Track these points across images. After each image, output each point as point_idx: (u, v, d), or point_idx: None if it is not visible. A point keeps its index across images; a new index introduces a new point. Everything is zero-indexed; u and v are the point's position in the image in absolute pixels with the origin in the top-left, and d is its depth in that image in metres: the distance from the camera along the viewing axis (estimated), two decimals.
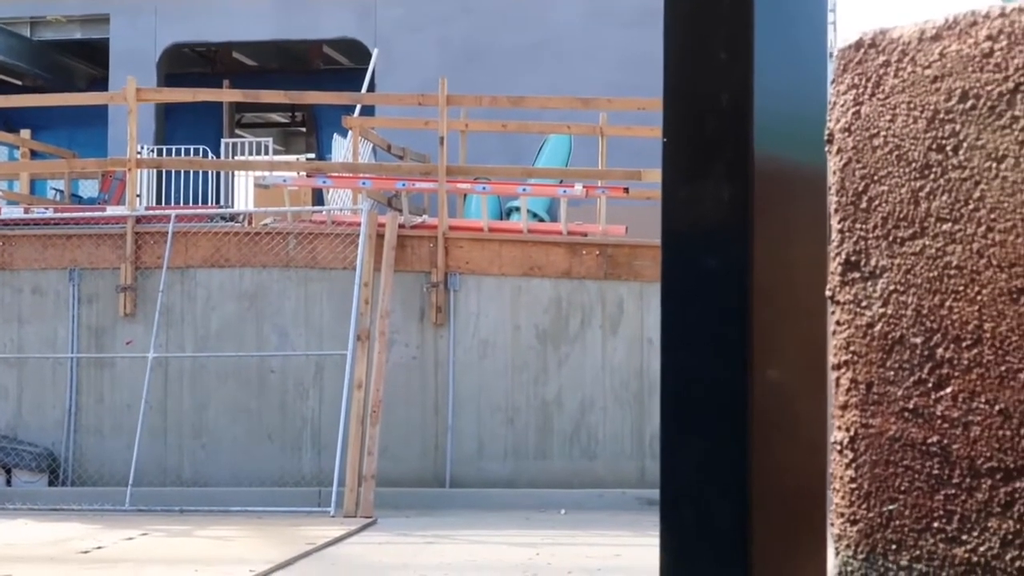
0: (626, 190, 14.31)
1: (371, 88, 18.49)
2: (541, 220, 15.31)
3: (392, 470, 12.60)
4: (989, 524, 1.01)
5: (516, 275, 13.48)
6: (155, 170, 18.16)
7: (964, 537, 1.02)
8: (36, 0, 22.37)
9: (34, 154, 18.47)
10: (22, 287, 13.77)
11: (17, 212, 15.33)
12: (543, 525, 11.15)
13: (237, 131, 23.85)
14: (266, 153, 19.58)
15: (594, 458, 13.28)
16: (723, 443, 1.41)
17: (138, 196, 14.83)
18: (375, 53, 19.22)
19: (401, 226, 13.44)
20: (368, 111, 17.89)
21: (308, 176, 15.76)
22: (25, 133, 18.37)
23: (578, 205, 14.94)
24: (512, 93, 15.92)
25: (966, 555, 1.02)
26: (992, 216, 1.01)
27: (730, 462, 1.41)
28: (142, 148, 16.80)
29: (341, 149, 17.05)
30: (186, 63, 22.89)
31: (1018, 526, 0.99)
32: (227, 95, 18.31)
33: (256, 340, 13.45)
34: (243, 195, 19.50)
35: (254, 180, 16.56)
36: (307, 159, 22.41)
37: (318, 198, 17.08)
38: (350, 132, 16.27)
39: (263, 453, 13.29)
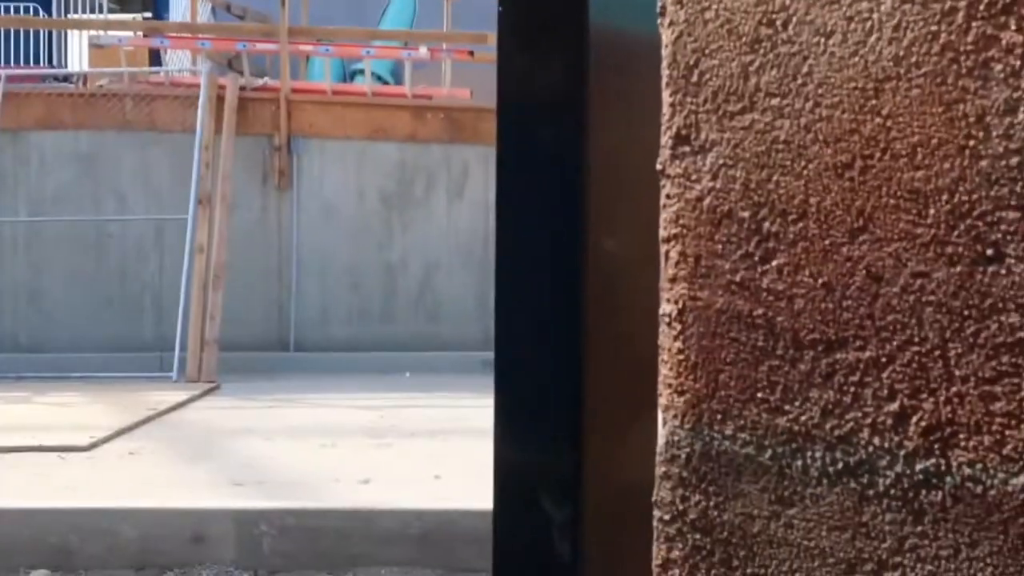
0: (471, 53, 14.19)
1: None
2: (386, 83, 15.13)
3: (235, 335, 12.50)
4: (811, 394, 1.03)
5: (360, 138, 13.34)
6: None
7: (787, 407, 1.04)
8: None
9: None
10: None
11: None
12: (388, 388, 11.23)
13: None
14: (101, 12, 18.92)
15: (439, 321, 13.36)
16: (556, 315, 1.42)
17: None
18: None
19: (242, 88, 13.17)
20: None
21: (145, 36, 15.30)
22: None
23: (423, 68, 14.79)
24: None
25: (788, 424, 1.04)
26: (820, 91, 1.01)
27: (563, 334, 1.42)
28: None
29: (179, 8, 16.55)
30: None
31: (838, 396, 1.02)
32: None
33: (93, 204, 13.13)
34: (77, 55, 18.86)
35: (89, 40, 16.01)
36: (144, 18, 21.71)
37: (156, 59, 16.60)
38: None
39: (103, 318, 13.07)
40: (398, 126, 13.38)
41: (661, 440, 1.13)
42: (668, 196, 1.11)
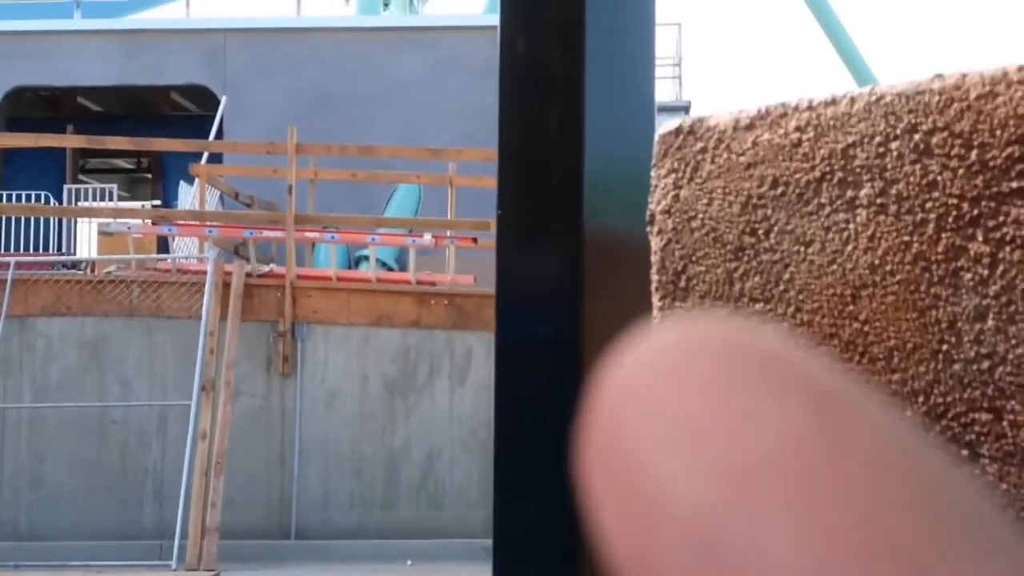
0: (475, 240, 14.40)
1: (219, 135, 18.33)
2: (390, 269, 15.31)
3: (237, 522, 12.42)
4: None
5: (365, 324, 13.44)
6: None
7: None
8: None
9: None
10: None
11: None
12: None
13: (81, 177, 23.41)
14: (111, 200, 19.26)
15: (441, 508, 13.27)
16: (556, 507, 1.45)
17: None
18: (223, 100, 19.08)
19: (248, 275, 13.33)
20: (216, 158, 17.72)
21: (153, 223, 15.53)
22: None
23: (427, 255, 14.98)
24: (362, 142, 15.93)
25: None
26: (800, 297, 1.06)
27: (564, 526, 1.44)
28: None
29: (188, 196, 16.84)
30: (29, 107, 22.42)
31: None
32: (71, 140, 18.00)
33: (98, 390, 13.18)
34: (86, 242, 19.12)
35: (98, 227, 16.26)
36: (153, 206, 22.06)
37: (163, 246, 16.83)
38: (197, 179, 16.09)
39: (103, 506, 12.99)
40: (402, 312, 13.50)
41: None
42: None
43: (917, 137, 1.01)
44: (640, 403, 0.25)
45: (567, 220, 1.44)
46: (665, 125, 1.16)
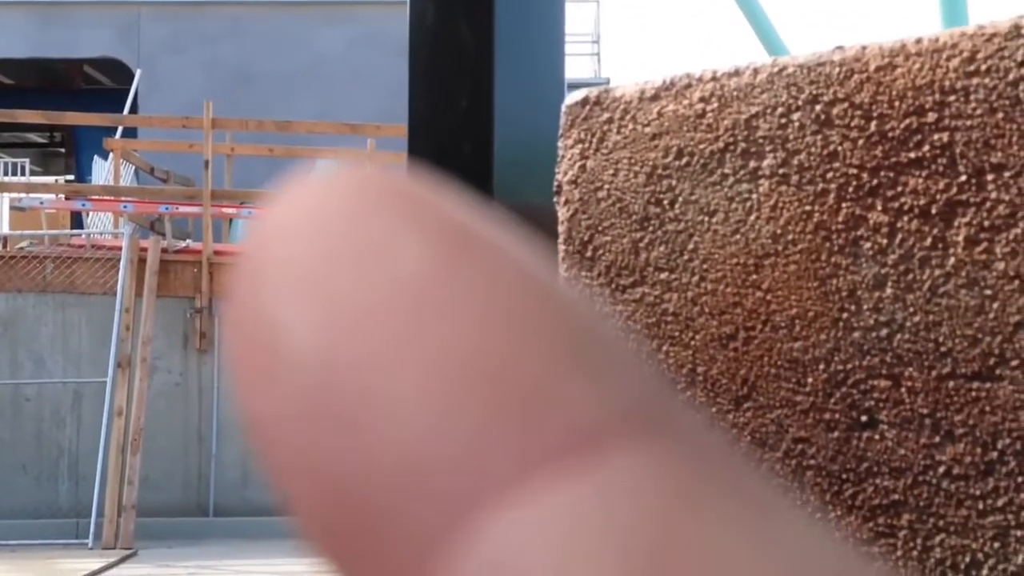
0: None
1: (134, 109, 18.09)
2: None
3: (154, 500, 12.32)
4: None
5: None
6: None
7: None
8: None
9: None
10: None
11: None
12: (309, 554, 11.05)
13: None
14: (23, 174, 18.94)
15: None
16: None
17: None
18: (138, 73, 18.83)
19: (164, 250, 13.19)
20: (131, 133, 17.49)
21: (67, 198, 15.31)
22: None
23: None
24: (281, 118, 15.80)
25: None
26: (704, 267, 1.07)
27: None
28: None
29: (102, 171, 16.62)
30: None
31: None
32: None
33: (10, 367, 12.98)
34: None
35: (10, 202, 16.00)
36: (66, 181, 21.74)
37: (77, 221, 16.60)
38: (111, 154, 15.88)
39: (17, 485, 12.82)
40: None
41: None
42: None
43: (818, 108, 1.03)
44: (275, 251, 0.24)
45: (477, 192, 1.44)
46: (571, 96, 1.17)
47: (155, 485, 12.48)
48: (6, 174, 19.33)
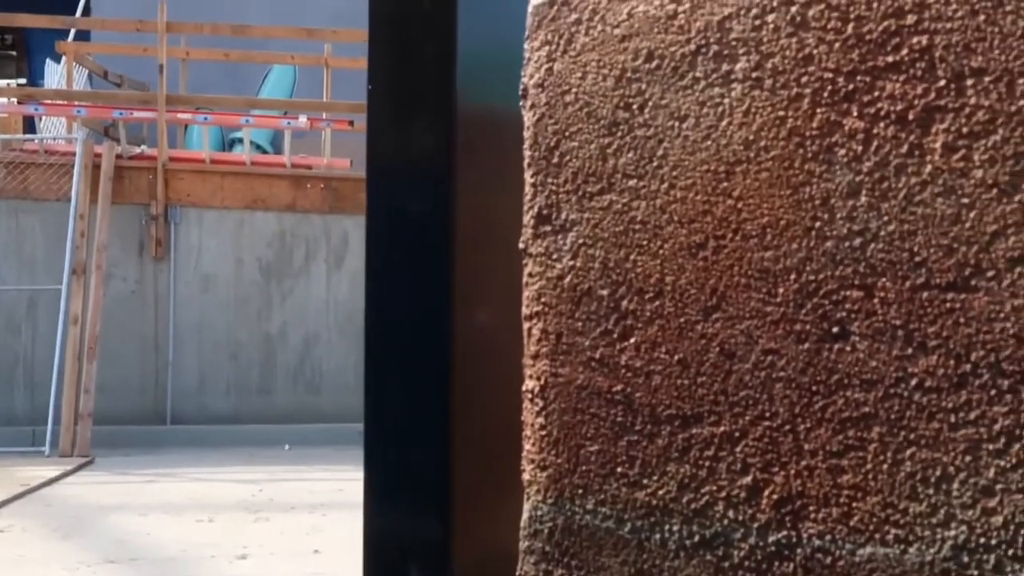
0: (351, 123, 14.20)
1: (86, 12, 17.77)
2: (265, 152, 15.07)
3: (111, 408, 12.28)
4: (668, 469, 1.05)
5: (239, 208, 13.26)
6: None
7: (645, 481, 1.07)
8: None
9: None
10: None
11: None
12: (267, 461, 11.08)
13: None
14: None
15: (318, 393, 13.25)
16: (425, 388, 1.44)
17: None
18: None
19: (119, 156, 13.03)
20: (84, 36, 17.19)
21: (19, 103, 15.05)
22: None
23: (302, 137, 14.76)
24: (236, 21, 15.56)
25: (646, 498, 1.06)
26: (674, 174, 1.04)
27: (432, 407, 1.43)
28: None
29: (54, 75, 16.34)
30: None
31: (694, 470, 1.04)
32: None
33: None
34: None
35: None
36: (18, 85, 21.39)
37: (30, 126, 16.35)
38: (64, 57, 15.61)
39: None
40: (277, 195, 13.33)
41: (525, 515, 1.14)
42: (530, 274, 1.13)
43: (794, 9, 0.99)
44: None
45: (440, 95, 1.40)
46: None
47: (112, 393, 12.43)
48: None
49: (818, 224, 0.97)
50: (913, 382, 0.95)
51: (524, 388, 1.13)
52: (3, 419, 12.51)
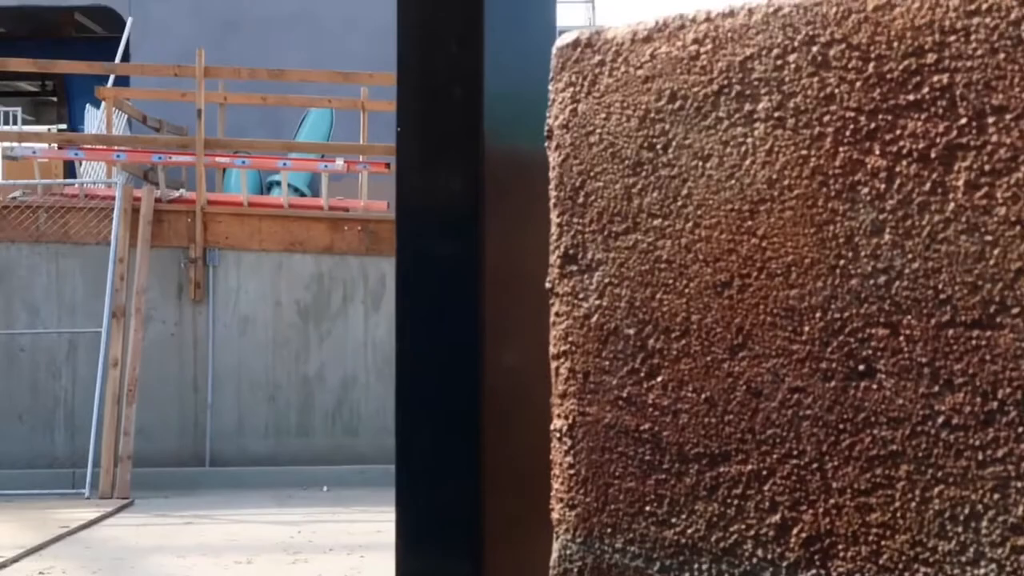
0: (388, 165, 14.28)
1: (125, 58, 17.96)
2: (302, 195, 15.17)
3: (150, 450, 12.34)
4: (696, 507, 1.05)
5: (277, 250, 13.33)
6: None
7: (673, 520, 1.07)
8: None
9: None
10: None
11: None
12: (305, 503, 11.10)
13: None
14: (15, 123, 18.83)
15: (356, 434, 13.26)
16: (455, 429, 1.44)
17: None
18: (129, 21, 18.68)
19: (158, 200, 13.14)
20: (123, 81, 17.38)
21: (60, 148, 15.23)
22: None
23: (340, 180, 14.85)
24: (273, 65, 15.69)
25: (675, 536, 1.06)
26: (699, 213, 1.05)
27: (461, 447, 1.43)
28: None
29: (94, 120, 16.52)
30: None
31: (722, 508, 1.04)
32: None
33: (5, 318, 12.97)
34: None
35: (2, 151, 15.92)
36: (59, 130, 21.63)
37: (70, 171, 16.52)
38: (103, 103, 15.78)
39: (13, 434, 12.83)
40: (315, 238, 13.40)
41: (554, 554, 1.14)
42: (557, 314, 1.14)
43: (815, 49, 1.00)
44: None
45: (467, 137, 1.42)
46: (562, 38, 1.14)
47: (151, 435, 12.49)
48: None
49: (842, 262, 0.98)
50: (940, 419, 0.95)
51: (552, 427, 1.14)
52: (44, 462, 12.59)
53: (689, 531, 1.06)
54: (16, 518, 10.21)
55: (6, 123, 19.04)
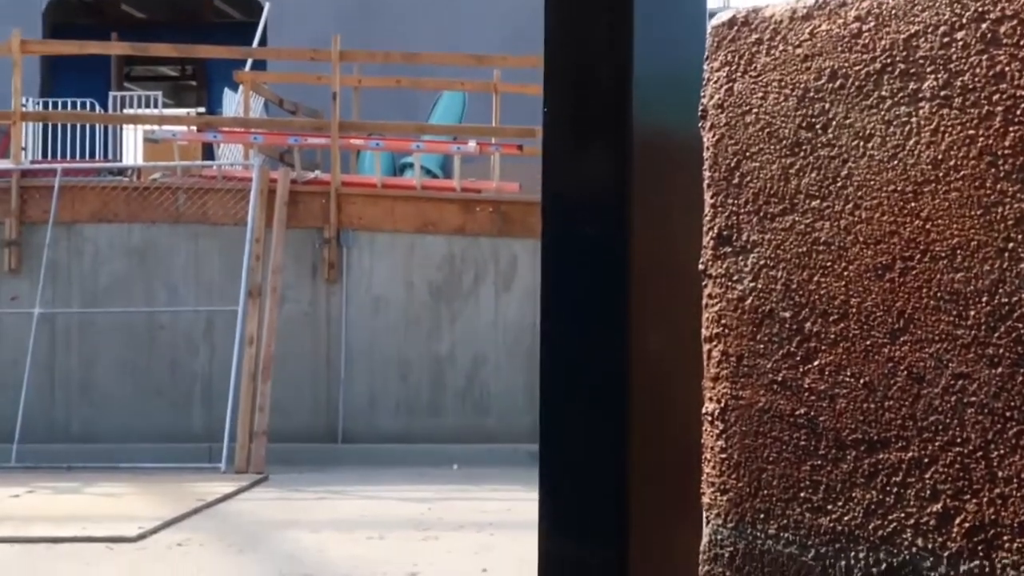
0: (520, 147, 14.31)
1: (263, 42, 18.24)
2: (435, 176, 15.27)
3: (284, 426, 12.55)
4: (853, 494, 1.03)
5: (410, 231, 13.44)
6: (41, 124, 17.74)
7: (829, 507, 1.05)
8: None
9: None
10: None
11: None
12: (436, 480, 11.20)
13: (126, 84, 23.38)
14: (156, 107, 19.25)
15: (487, 413, 13.34)
16: (602, 412, 1.43)
17: (23, 150, 14.49)
18: (266, 6, 18.96)
19: (293, 182, 13.33)
20: (260, 65, 17.65)
21: (198, 131, 15.53)
22: None
23: (472, 162, 14.92)
24: (407, 48, 15.81)
25: (831, 524, 1.05)
26: (859, 194, 1.03)
27: (608, 432, 1.42)
28: (27, 101, 16.38)
29: (232, 103, 16.80)
30: (73, 14, 22.36)
31: (881, 496, 1.02)
32: (115, 48, 17.93)
33: (145, 296, 13.28)
34: (132, 149, 19.16)
35: (143, 134, 16.28)
36: (198, 113, 22.06)
37: (208, 153, 16.84)
38: (241, 86, 16.05)
39: (153, 409, 13.15)
40: (447, 219, 13.48)
41: (704, 539, 1.13)
42: (710, 296, 1.12)
43: (984, 26, 0.97)
44: None
45: (616, 117, 1.40)
46: (718, 16, 1.12)
47: (285, 411, 12.70)
48: (140, 107, 19.67)
49: (1011, 245, 0.95)
50: None
51: (704, 410, 1.12)
52: (182, 436, 12.88)
53: (846, 518, 1.04)
54: (155, 491, 10.46)
55: (147, 107, 19.46)
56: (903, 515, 1.01)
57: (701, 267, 1.12)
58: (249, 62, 16.88)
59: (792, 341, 1.06)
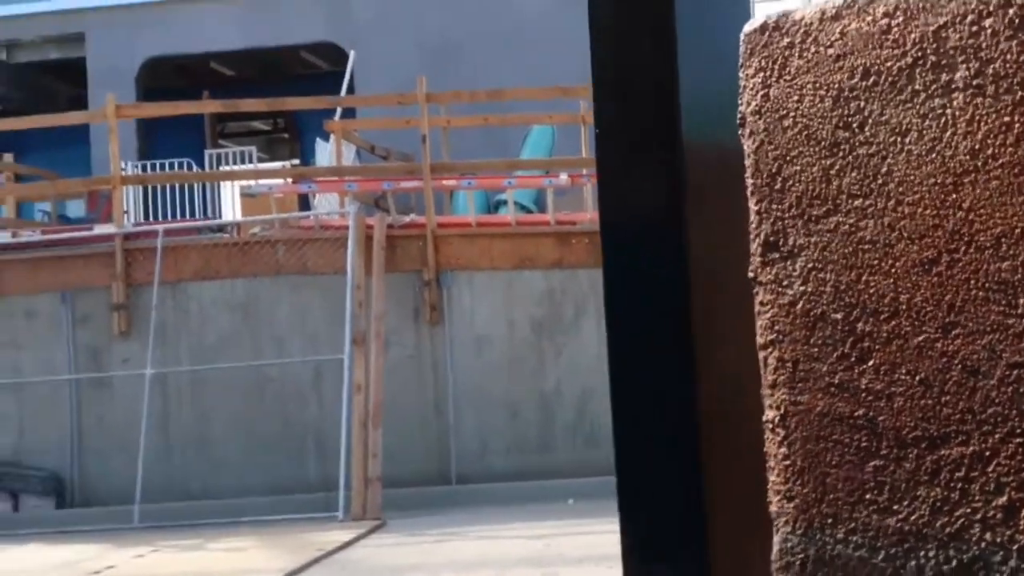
0: None
1: (350, 90, 18.47)
2: (529, 212, 15.31)
3: (397, 471, 12.61)
4: (918, 493, 1.02)
5: (507, 268, 13.49)
6: (141, 186, 18.12)
7: (895, 507, 1.04)
8: (10, 23, 22.29)
9: (18, 178, 18.40)
10: (15, 312, 13.75)
11: (5, 237, 15.20)
12: (552, 516, 11.17)
13: (220, 141, 23.81)
14: (250, 162, 19.57)
15: (598, 446, 13.28)
16: (674, 432, 1.43)
17: (125, 213, 14.81)
18: (352, 55, 19.19)
19: (389, 226, 13.44)
20: (349, 113, 17.87)
21: (294, 182, 15.76)
22: (8, 157, 18.28)
23: (565, 195, 14.94)
24: (492, 85, 15.91)
25: (898, 524, 1.03)
26: (900, 190, 1.02)
27: (682, 453, 1.42)
28: (126, 165, 16.74)
29: (325, 153, 17.02)
30: (165, 77, 22.82)
31: (945, 493, 1.01)
32: (207, 106, 18.29)
33: (252, 350, 13.45)
34: (230, 205, 19.50)
35: (240, 189, 16.55)
36: (292, 165, 22.37)
37: (305, 204, 17.06)
38: (332, 136, 16.26)
39: (268, 462, 13.29)
40: (544, 254, 13.50)
41: (775, 547, 1.12)
42: (762, 303, 1.12)
43: (1012, 12, 0.96)
44: None
45: (665, 134, 1.40)
46: (750, 23, 1.12)
47: (397, 456, 12.77)
48: (235, 163, 20.00)
49: None
50: None
51: (764, 418, 1.12)
52: (298, 486, 13.00)
53: (912, 517, 1.03)
54: (274, 543, 10.56)
55: (242, 162, 19.78)
56: (969, 511, 1.00)
57: (751, 274, 1.12)
58: (339, 111, 17.09)
59: (846, 342, 1.06)
